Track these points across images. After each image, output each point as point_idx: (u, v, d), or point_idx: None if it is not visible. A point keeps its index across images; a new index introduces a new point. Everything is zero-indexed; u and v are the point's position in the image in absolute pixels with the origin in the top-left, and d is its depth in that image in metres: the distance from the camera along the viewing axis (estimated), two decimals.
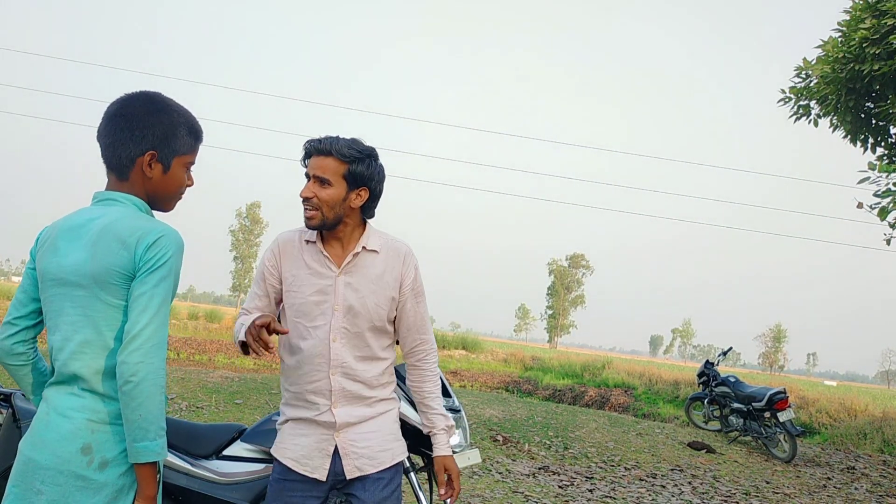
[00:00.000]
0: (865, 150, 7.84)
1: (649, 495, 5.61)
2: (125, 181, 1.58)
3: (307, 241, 1.98)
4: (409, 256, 2.00)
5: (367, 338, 1.94)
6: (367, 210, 1.96)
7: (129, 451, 1.44)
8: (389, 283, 1.95)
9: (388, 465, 1.95)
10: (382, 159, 1.99)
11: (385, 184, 1.97)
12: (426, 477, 2.63)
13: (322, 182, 1.86)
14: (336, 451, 1.92)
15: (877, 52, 6.55)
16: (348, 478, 1.92)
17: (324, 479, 1.90)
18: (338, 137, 1.89)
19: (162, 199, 1.64)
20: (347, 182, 1.87)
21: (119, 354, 1.43)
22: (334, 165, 1.86)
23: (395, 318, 2.00)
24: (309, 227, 1.91)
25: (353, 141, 1.90)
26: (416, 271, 2.01)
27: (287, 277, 1.97)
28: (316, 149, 1.87)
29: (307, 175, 1.90)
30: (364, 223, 1.99)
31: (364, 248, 1.94)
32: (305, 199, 1.88)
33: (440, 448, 2.01)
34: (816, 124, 7.98)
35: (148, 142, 1.56)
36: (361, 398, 1.94)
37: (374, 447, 1.94)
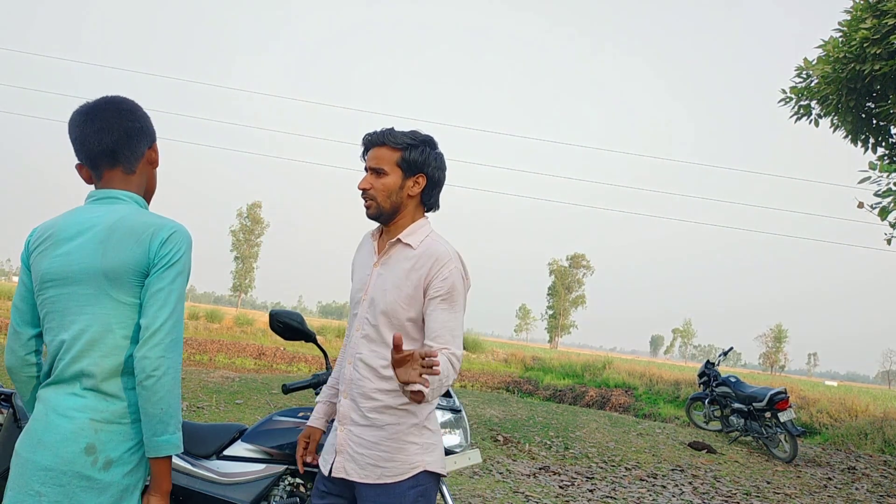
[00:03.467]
0: (866, 150, 7.84)
1: (650, 495, 5.60)
2: (133, 175, 1.59)
3: (372, 235, 2.01)
4: (445, 259, 1.82)
5: (383, 334, 1.86)
6: (428, 198, 1.92)
7: (149, 445, 1.44)
8: (413, 280, 1.82)
9: (373, 482, 1.81)
10: None
11: (446, 172, 1.94)
12: None
13: (378, 172, 1.86)
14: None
15: (877, 52, 6.54)
16: (335, 474, 1.87)
17: (326, 472, 1.90)
18: (393, 128, 1.90)
19: (151, 191, 1.68)
20: (402, 170, 1.86)
21: (139, 350, 1.43)
22: (388, 154, 1.86)
23: (421, 321, 1.85)
24: (367, 216, 1.91)
25: (410, 131, 1.90)
26: (452, 276, 1.80)
27: (353, 265, 2.05)
28: (371, 141, 1.88)
29: (366, 169, 1.90)
30: (423, 217, 1.95)
31: (399, 240, 1.89)
32: (363, 191, 1.88)
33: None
34: (817, 124, 7.98)
35: (152, 133, 1.63)
36: (365, 397, 1.86)
37: (366, 458, 1.83)
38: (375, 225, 2.00)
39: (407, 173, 1.86)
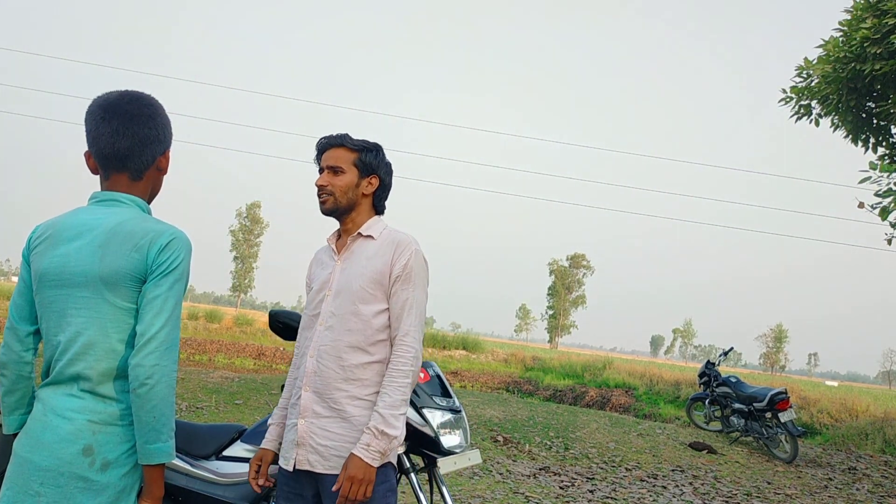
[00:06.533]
0: (867, 149, 7.83)
1: (650, 496, 5.59)
2: (139, 181, 1.58)
3: (328, 240, 2.09)
4: (404, 244, 1.94)
5: (350, 322, 1.89)
6: (379, 200, 2.04)
7: (141, 452, 1.44)
8: (377, 267, 1.91)
9: (338, 472, 1.82)
10: None
11: (393, 178, 2.07)
12: (427, 477, 2.62)
13: (335, 171, 1.97)
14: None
15: (878, 51, 6.53)
16: (298, 466, 1.88)
17: (290, 468, 1.90)
18: (347, 133, 2.02)
19: (154, 196, 1.67)
20: (359, 169, 1.99)
21: (133, 357, 1.43)
22: (345, 154, 1.98)
23: (378, 316, 1.91)
24: (322, 210, 1.99)
25: (362, 138, 2.04)
26: (410, 258, 1.91)
27: (309, 279, 2.11)
28: (328, 143, 2.01)
29: (321, 169, 2.00)
30: (375, 215, 2.05)
31: (360, 233, 1.98)
32: (320, 188, 1.97)
33: (357, 445, 1.78)
34: (818, 124, 7.97)
35: (167, 140, 1.62)
36: (330, 388, 1.87)
37: (331, 448, 1.85)
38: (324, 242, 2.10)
39: (362, 173, 1.99)
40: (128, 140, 1.54)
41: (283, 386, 2.69)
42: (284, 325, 2.54)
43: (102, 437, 1.44)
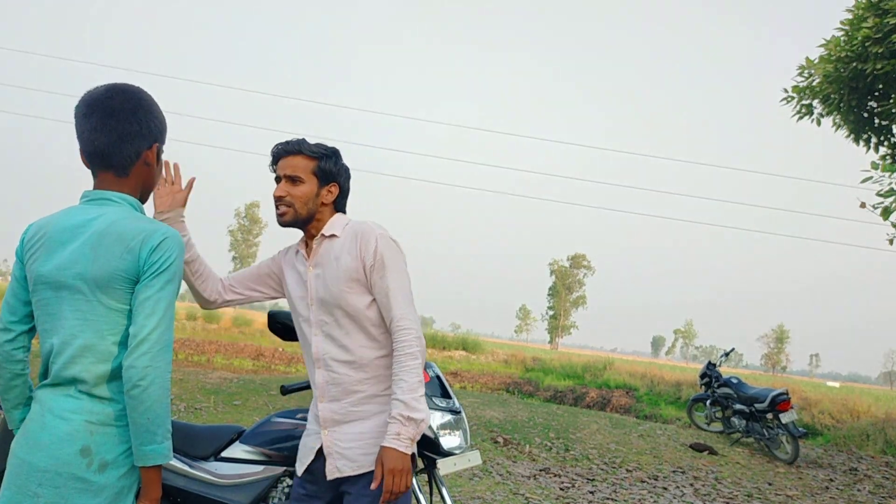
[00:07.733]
0: (868, 149, 7.82)
1: (651, 497, 5.58)
2: (125, 178, 1.56)
3: (297, 252, 2.04)
4: (367, 232, 1.88)
5: (345, 326, 1.88)
6: (339, 207, 2.00)
7: (136, 454, 1.43)
8: (349, 263, 1.87)
9: (366, 470, 1.85)
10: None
11: (350, 182, 2.02)
12: (426, 479, 2.60)
13: (293, 180, 1.91)
14: (322, 449, 1.92)
15: (879, 51, 6.53)
16: (328, 478, 1.88)
17: (299, 474, 1.92)
18: (305, 139, 1.95)
19: (149, 192, 1.65)
20: (318, 178, 1.93)
21: (126, 359, 1.42)
22: (304, 163, 1.91)
23: (376, 312, 1.90)
24: (281, 223, 1.94)
25: (318, 143, 1.97)
26: (376, 244, 1.86)
27: (286, 284, 2.06)
28: (284, 150, 1.93)
29: (277, 178, 1.94)
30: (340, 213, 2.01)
31: (323, 235, 1.94)
32: (278, 199, 1.92)
33: (386, 438, 1.76)
34: (819, 123, 7.95)
35: (153, 134, 1.58)
36: (347, 392, 1.88)
37: (357, 449, 1.86)
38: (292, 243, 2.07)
39: (322, 182, 1.93)
40: (106, 136, 1.51)
41: (282, 386, 2.68)
42: (283, 325, 2.53)
43: (100, 438, 1.44)
